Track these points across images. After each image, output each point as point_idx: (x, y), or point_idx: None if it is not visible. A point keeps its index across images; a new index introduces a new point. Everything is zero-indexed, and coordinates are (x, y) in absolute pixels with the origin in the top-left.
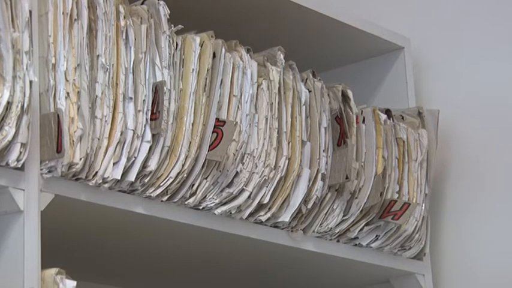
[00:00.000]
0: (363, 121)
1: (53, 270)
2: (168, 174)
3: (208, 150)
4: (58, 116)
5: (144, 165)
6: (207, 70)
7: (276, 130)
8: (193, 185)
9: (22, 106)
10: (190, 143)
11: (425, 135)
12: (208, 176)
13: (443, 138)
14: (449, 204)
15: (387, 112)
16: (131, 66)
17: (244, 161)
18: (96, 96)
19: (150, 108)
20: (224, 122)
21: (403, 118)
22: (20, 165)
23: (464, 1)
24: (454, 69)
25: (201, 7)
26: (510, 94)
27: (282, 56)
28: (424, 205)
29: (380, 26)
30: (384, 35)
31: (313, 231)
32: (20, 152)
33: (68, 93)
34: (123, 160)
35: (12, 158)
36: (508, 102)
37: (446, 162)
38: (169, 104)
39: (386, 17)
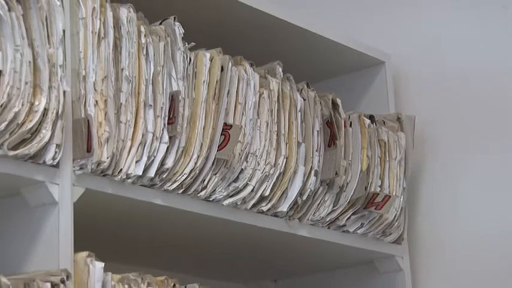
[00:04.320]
0: (350, 125)
1: (84, 253)
2: (183, 171)
3: (217, 150)
4: (88, 120)
5: (162, 163)
6: (216, 81)
7: (276, 133)
8: (204, 180)
9: (57, 112)
10: (201, 144)
11: (403, 137)
12: (217, 172)
13: (419, 140)
14: (424, 196)
15: (371, 117)
16: (151, 77)
17: (248, 159)
18: (121, 103)
19: (167, 114)
20: (231, 126)
21: (384, 123)
22: (55, 163)
23: (437, 21)
24: (428, 80)
25: (211, 27)
26: (475, 102)
27: (280, 69)
28: (402, 197)
29: (364, 43)
30: (368, 51)
31: (308, 219)
32: (55, 152)
33: (96, 101)
34: (144, 159)
35: (48, 157)
36: (473, 109)
37: (421, 161)
38: (183, 110)
39: (370, 35)
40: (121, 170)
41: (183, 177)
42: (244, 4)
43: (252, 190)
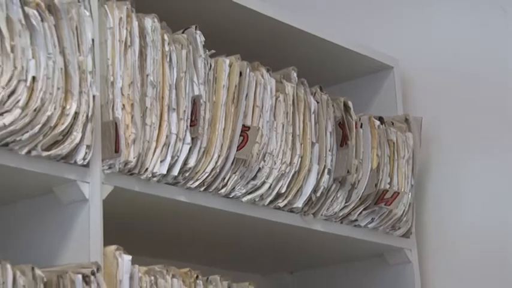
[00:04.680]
0: (361, 126)
1: (113, 247)
2: (204, 170)
3: (237, 150)
4: (116, 123)
5: (185, 162)
6: (235, 86)
7: (291, 134)
8: (224, 178)
9: (87, 115)
10: (222, 144)
11: (411, 137)
12: (236, 171)
13: (425, 140)
14: (430, 193)
15: (380, 119)
16: (174, 83)
17: (265, 159)
18: (146, 107)
19: (189, 116)
20: (249, 127)
21: (393, 124)
22: (85, 163)
23: (442, 29)
24: (434, 83)
25: (230, 36)
26: (478, 104)
27: (295, 75)
28: (410, 194)
29: (374, 49)
30: (377, 56)
31: (321, 214)
32: (86, 153)
33: (123, 105)
34: (168, 158)
35: (79, 157)
36: (476, 110)
37: (428, 159)
38: (204, 113)
39: (379, 42)
40: (147, 169)
41: (205, 176)
42: (261, 14)
43: (269, 187)
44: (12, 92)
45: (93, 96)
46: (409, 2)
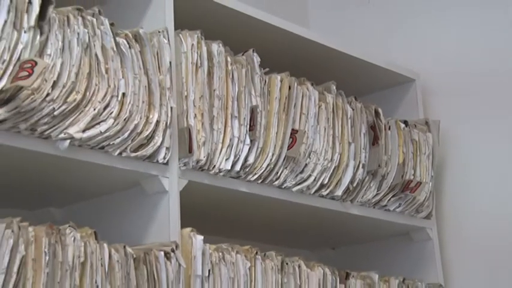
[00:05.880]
0: (389, 128)
1: (188, 229)
2: (261, 166)
3: (287, 150)
4: (189, 129)
5: (245, 160)
6: (285, 97)
7: (331, 135)
8: (277, 172)
9: (166, 123)
10: (275, 145)
11: (430, 137)
12: (287, 166)
13: (442, 139)
14: (447, 182)
15: (405, 122)
16: (236, 95)
17: (310, 156)
18: (214, 116)
19: (248, 123)
20: (297, 131)
21: (415, 126)
22: (165, 161)
23: (457, 44)
24: (450, 92)
25: (281, 57)
26: (486, 109)
27: (334, 87)
28: (430, 183)
29: (399, 65)
30: (402, 71)
31: (357, 201)
32: (165, 153)
33: (195, 114)
34: (232, 157)
35: (160, 157)
36: (485, 114)
37: (445, 155)
38: (261, 120)
39: (404, 58)
40: (214, 166)
41: (261, 171)
42: (306, 38)
43: (314, 179)
44: (107, 105)
45: (171, 108)
46: (426, 24)
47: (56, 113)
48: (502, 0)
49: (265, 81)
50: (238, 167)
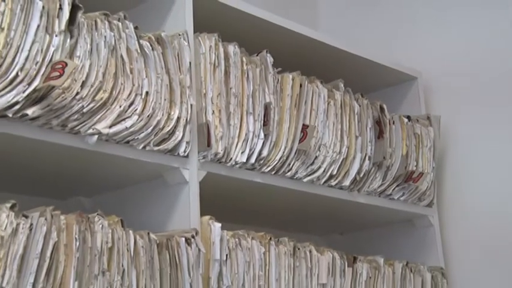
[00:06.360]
0: (393, 123)
1: (207, 217)
2: (274, 158)
3: (299, 143)
4: (208, 125)
5: (260, 153)
6: (297, 95)
7: (340, 130)
8: (289, 164)
9: (186, 119)
10: (287, 139)
11: (432, 131)
12: (299, 158)
13: (443, 133)
14: (448, 173)
15: (408, 117)
16: (251, 93)
17: (320, 149)
18: (230, 112)
19: (262, 118)
20: (308, 125)
21: (418, 121)
22: (186, 154)
23: (457, 44)
24: (449, 89)
25: (292, 57)
26: (483, 105)
27: (342, 85)
28: (432, 174)
29: (403, 64)
30: (405, 70)
31: (364, 190)
32: (186, 147)
33: (213, 111)
34: (247, 150)
35: (181, 150)
36: (482, 109)
37: (445, 147)
38: (274, 115)
39: (407, 58)
40: (231, 158)
41: (275, 163)
42: (315, 40)
43: (324, 171)
44: (132, 103)
45: (191, 105)
46: (428, 26)
47: (85, 110)
48: (502, 0)
49: (278, 80)
50: (253, 160)
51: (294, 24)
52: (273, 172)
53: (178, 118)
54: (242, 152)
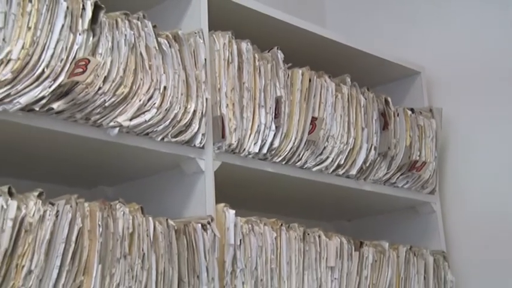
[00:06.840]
0: (398, 115)
1: (222, 204)
2: (285, 149)
3: (308, 134)
4: (222, 117)
5: (271, 143)
6: (306, 89)
7: (347, 122)
8: (299, 154)
9: (202, 112)
10: (297, 130)
11: (434, 122)
12: (308, 149)
13: (444, 124)
14: (449, 162)
15: (411, 110)
16: (262, 87)
17: (328, 140)
18: (243, 105)
19: (274, 111)
20: (317, 118)
21: (421, 113)
22: (201, 146)
23: (459, 40)
24: (451, 83)
25: (302, 53)
26: (482, 98)
27: (349, 79)
28: (434, 163)
29: (407, 60)
30: (409, 65)
31: (370, 179)
32: (201, 138)
33: (227, 104)
34: (259, 141)
35: (197, 141)
36: (482, 102)
37: (446, 138)
38: (284, 108)
39: (410, 53)
40: (244, 149)
41: (285, 153)
42: (323, 37)
43: (332, 160)
44: (150, 97)
45: (206, 99)
46: (430, 22)
47: (106, 104)
48: None
49: (288, 75)
50: (265, 150)
51: (303, 22)
52: (284, 162)
53: (195, 111)
54: (255, 143)
